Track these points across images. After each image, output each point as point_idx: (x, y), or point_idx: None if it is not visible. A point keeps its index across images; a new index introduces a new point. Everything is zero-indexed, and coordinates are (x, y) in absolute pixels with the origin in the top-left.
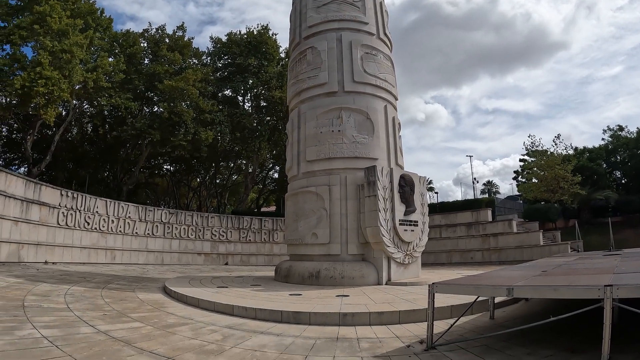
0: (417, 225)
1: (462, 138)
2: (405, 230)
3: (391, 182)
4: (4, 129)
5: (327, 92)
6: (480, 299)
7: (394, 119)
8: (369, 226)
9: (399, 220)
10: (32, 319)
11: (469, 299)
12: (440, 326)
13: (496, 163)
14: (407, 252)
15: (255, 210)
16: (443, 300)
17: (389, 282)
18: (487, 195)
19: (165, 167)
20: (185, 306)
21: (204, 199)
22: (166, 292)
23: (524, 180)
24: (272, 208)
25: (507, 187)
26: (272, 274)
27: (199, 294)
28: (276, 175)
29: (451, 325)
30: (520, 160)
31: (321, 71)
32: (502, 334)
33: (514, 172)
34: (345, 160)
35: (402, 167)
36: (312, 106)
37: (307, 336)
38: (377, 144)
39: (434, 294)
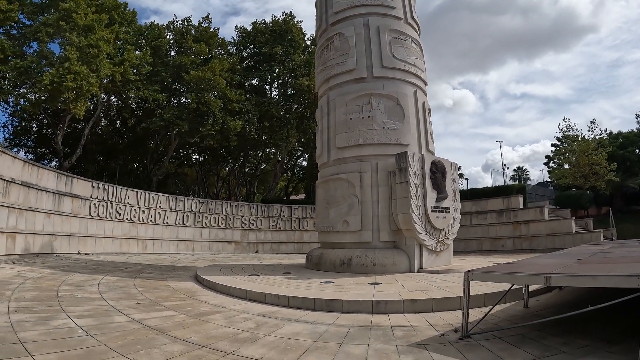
0: (449, 212)
1: (490, 124)
2: (437, 217)
3: (422, 168)
4: (34, 125)
5: (355, 78)
6: (514, 287)
7: (424, 104)
8: (400, 213)
9: (431, 207)
10: (66, 308)
11: (502, 287)
12: (474, 314)
13: (525, 149)
14: (439, 239)
15: (285, 198)
16: (476, 288)
17: (420, 269)
18: (517, 182)
19: (194, 157)
20: (218, 294)
21: (233, 188)
22: (198, 280)
23: (555, 165)
24: (301, 196)
25: (537, 174)
26: (303, 261)
27: (231, 282)
28: (305, 163)
29: (485, 314)
30: (552, 145)
31: (349, 57)
32: (535, 324)
33: (546, 157)
34: (376, 147)
35: (432, 153)
36: (341, 92)
37: (340, 324)
38: (408, 129)
39: (469, 282)
